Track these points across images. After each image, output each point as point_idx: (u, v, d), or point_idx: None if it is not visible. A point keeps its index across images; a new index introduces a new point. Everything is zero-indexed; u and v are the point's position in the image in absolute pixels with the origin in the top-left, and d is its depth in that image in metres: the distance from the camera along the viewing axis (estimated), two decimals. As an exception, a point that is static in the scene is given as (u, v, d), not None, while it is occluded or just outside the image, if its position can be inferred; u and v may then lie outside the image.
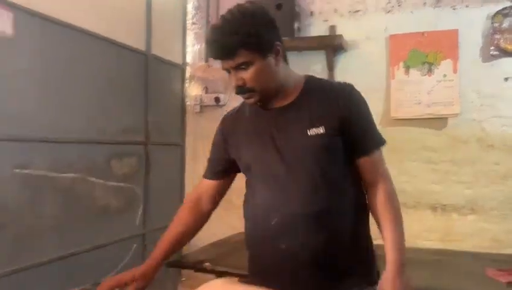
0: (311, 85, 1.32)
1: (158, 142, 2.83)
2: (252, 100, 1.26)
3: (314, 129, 1.24)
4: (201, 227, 1.48)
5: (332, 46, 2.70)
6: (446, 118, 2.56)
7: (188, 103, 3.17)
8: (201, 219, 1.47)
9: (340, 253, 1.24)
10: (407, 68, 2.59)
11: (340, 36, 2.67)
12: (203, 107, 3.12)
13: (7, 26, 1.78)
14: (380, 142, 1.32)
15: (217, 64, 3.01)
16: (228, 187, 1.50)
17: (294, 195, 1.23)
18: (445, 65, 2.53)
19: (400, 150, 2.62)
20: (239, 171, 1.44)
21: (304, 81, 1.33)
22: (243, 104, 1.41)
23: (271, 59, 1.23)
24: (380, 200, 1.28)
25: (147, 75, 2.72)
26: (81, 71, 2.20)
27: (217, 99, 3.03)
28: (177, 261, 2.11)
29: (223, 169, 1.44)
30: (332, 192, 1.24)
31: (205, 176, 1.49)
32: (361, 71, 2.69)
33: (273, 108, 1.30)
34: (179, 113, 3.15)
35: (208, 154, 1.51)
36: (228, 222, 2.61)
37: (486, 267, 1.94)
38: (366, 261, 1.33)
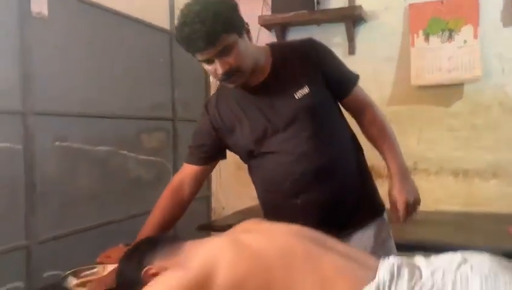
0: (278, 52, 1.38)
1: (184, 118, 2.93)
2: (238, 82, 1.29)
3: (299, 92, 1.31)
4: (181, 214, 1.49)
5: (352, 17, 2.73)
6: (468, 84, 2.58)
7: (211, 79, 3.25)
8: (181, 206, 1.49)
9: (349, 195, 1.35)
10: (426, 36, 2.61)
11: (360, 7, 2.70)
12: (226, 83, 3.19)
13: (43, 7, 1.89)
14: (356, 78, 1.43)
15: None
16: (209, 173, 1.58)
17: (299, 158, 1.31)
18: (466, 31, 2.53)
19: (420, 118, 2.66)
20: (224, 158, 1.51)
21: (270, 51, 1.38)
22: (219, 92, 1.45)
23: (245, 38, 1.28)
24: (370, 122, 1.42)
25: (172, 53, 2.80)
26: (111, 50, 2.30)
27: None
28: (207, 224, 2.22)
29: (209, 155, 1.48)
30: (334, 143, 1.34)
31: (188, 161, 1.51)
32: (381, 41, 2.73)
33: (255, 86, 1.35)
34: (203, 89, 3.23)
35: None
36: (251, 193, 2.71)
37: (509, 225, 1.99)
38: (372, 196, 1.44)
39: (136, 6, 2.49)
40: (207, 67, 1.25)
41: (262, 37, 2.99)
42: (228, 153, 1.53)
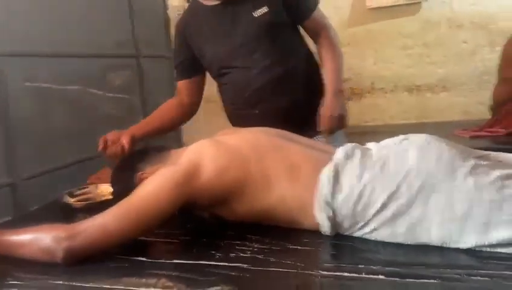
0: None
1: (148, 55, 2.96)
2: None
3: (258, 10, 1.44)
4: (182, 120, 1.71)
5: None
6: (418, 3, 2.70)
7: (170, 15, 3.25)
8: (182, 111, 1.68)
9: (304, 106, 1.50)
10: (379, -43, 2.68)
11: None
12: (186, 18, 3.20)
13: None
14: (315, 4, 1.54)
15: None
16: (203, 83, 1.69)
17: (258, 70, 1.46)
18: (415, -50, 2.63)
19: (375, 39, 2.80)
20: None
21: None
22: (188, 12, 1.61)
23: None
24: (321, 44, 1.55)
25: (128, -12, 2.78)
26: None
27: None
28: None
29: (193, 68, 1.62)
30: (290, 58, 1.49)
31: (177, 79, 1.67)
32: (336, -35, 2.79)
33: (218, 4, 1.48)
34: (163, 26, 3.23)
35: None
36: (222, 126, 2.83)
37: (456, 129, 2.20)
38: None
39: None
40: None
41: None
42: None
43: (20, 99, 1.96)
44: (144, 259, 0.95)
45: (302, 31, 1.63)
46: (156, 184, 0.95)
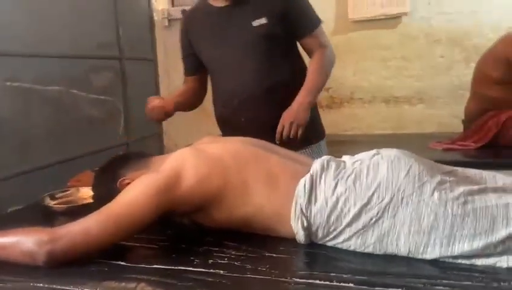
0: None
1: (131, 57, 2.97)
2: None
3: (257, 20, 1.48)
4: (196, 103, 1.78)
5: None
6: (399, 17, 2.79)
7: (156, 18, 3.27)
8: (198, 94, 1.75)
9: None
10: (362, -29, 2.76)
11: None
12: (171, 21, 3.23)
13: None
14: (316, 23, 1.57)
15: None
16: (205, 80, 1.75)
17: (247, 79, 1.51)
18: (397, -33, 2.71)
19: (356, 50, 2.87)
20: None
21: None
22: (194, 9, 1.65)
23: None
24: (313, 59, 1.57)
25: (115, -9, 2.79)
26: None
27: (184, 12, 3.14)
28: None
29: (197, 64, 1.68)
30: (281, 71, 1.53)
31: (185, 74, 1.74)
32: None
33: (221, 7, 1.52)
34: (148, 28, 3.25)
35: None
36: (205, 129, 2.87)
37: (431, 142, 2.28)
38: (311, 122, 1.55)
39: None
40: None
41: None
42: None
43: (1, 99, 1.96)
44: (123, 263, 0.97)
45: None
46: (138, 191, 0.97)
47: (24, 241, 0.92)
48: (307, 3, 1.57)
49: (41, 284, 0.89)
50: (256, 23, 1.48)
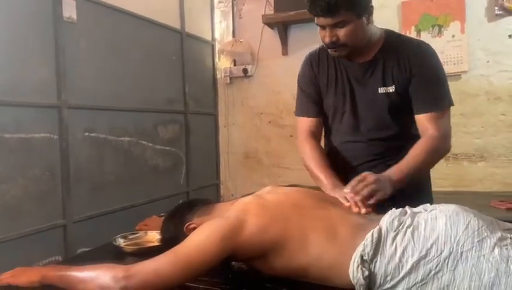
0: (390, 42, 1.45)
1: (195, 112, 3.17)
2: (339, 54, 1.41)
3: (384, 88, 1.41)
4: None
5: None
6: (458, 75, 2.80)
7: (218, 76, 3.49)
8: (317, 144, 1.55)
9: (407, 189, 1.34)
10: (418, 31, 2.84)
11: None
12: (232, 79, 3.43)
13: (72, 12, 2.12)
14: (444, 103, 1.41)
15: (243, 38, 3.31)
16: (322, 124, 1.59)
17: (363, 144, 1.47)
18: (454, 26, 2.77)
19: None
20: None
21: (384, 36, 1.46)
22: (322, 50, 1.52)
23: (364, 19, 1.36)
24: (421, 141, 1.38)
25: (183, 51, 3.04)
26: (130, 49, 2.53)
27: (245, 71, 3.34)
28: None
29: (318, 107, 1.55)
30: (395, 140, 1.46)
31: (301, 114, 1.58)
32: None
33: (355, 62, 1.45)
34: (211, 85, 3.47)
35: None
36: (259, 180, 2.95)
37: (492, 200, 2.22)
38: (422, 185, 1.56)
39: (151, 8, 2.72)
40: (320, 30, 1.37)
41: (265, 35, 3.24)
42: (235, 143, 1.70)
43: (79, 148, 2.16)
44: (187, 303, 1.03)
45: None
46: (204, 235, 1.04)
47: (101, 276, 1.00)
48: (439, 79, 1.42)
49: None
50: (382, 89, 1.41)
